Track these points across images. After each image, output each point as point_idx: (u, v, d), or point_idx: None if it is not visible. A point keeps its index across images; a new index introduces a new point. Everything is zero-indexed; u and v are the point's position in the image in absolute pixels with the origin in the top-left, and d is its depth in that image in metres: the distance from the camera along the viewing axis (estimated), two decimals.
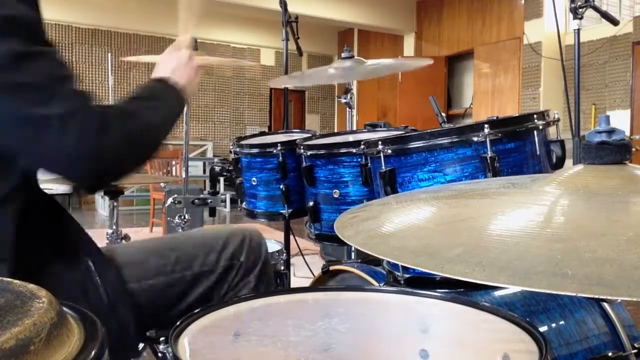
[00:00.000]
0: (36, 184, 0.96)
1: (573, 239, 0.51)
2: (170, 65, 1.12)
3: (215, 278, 1.13)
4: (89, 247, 1.00)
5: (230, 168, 2.21)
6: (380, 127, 2.10)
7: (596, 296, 0.41)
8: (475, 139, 1.13)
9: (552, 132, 1.26)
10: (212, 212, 2.92)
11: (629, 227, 0.52)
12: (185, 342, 0.74)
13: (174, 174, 6.72)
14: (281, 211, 1.84)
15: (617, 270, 0.44)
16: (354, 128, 2.37)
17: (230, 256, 1.15)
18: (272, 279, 1.25)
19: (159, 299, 1.08)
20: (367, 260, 1.64)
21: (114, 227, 2.66)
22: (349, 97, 2.17)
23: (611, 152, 0.64)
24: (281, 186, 1.79)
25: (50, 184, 0.99)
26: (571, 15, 2.43)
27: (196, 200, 2.65)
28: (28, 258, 0.87)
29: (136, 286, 1.05)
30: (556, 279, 0.44)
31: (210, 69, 9.34)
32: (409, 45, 9.26)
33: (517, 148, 1.17)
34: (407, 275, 1.22)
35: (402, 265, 1.20)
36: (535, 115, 1.19)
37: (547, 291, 0.43)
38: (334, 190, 1.56)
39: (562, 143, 1.26)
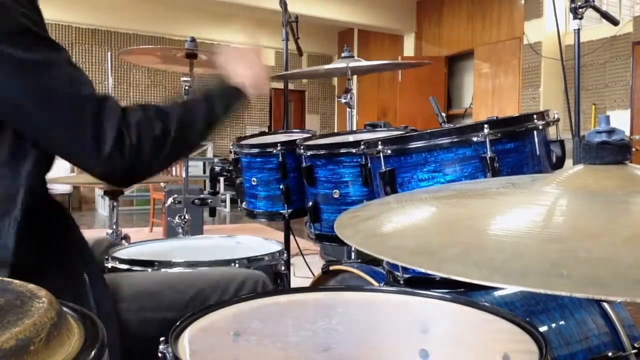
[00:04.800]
0: (44, 187, 0.95)
1: (570, 239, 0.50)
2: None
3: None
4: (88, 261, 0.99)
5: (230, 168, 2.21)
6: (380, 127, 2.10)
7: (590, 296, 0.41)
8: (475, 139, 1.13)
9: (552, 132, 1.26)
10: (212, 212, 2.92)
11: (626, 228, 0.52)
12: (185, 342, 0.74)
13: (174, 174, 6.71)
14: (281, 211, 1.84)
15: (612, 270, 0.44)
16: (354, 128, 2.37)
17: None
18: None
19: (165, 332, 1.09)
20: (367, 260, 1.64)
21: (114, 227, 2.66)
22: (349, 97, 2.16)
23: (611, 152, 0.64)
24: (281, 186, 1.79)
25: (51, 185, 0.98)
26: (571, 15, 2.43)
27: (196, 200, 2.65)
28: (27, 263, 0.86)
29: (149, 316, 1.06)
30: (551, 279, 0.43)
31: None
32: (409, 45, 9.26)
33: (516, 148, 1.17)
34: (407, 276, 1.22)
35: (401, 266, 1.20)
36: (535, 116, 1.19)
37: (541, 291, 0.43)
38: (334, 191, 1.56)
39: (562, 143, 1.25)
